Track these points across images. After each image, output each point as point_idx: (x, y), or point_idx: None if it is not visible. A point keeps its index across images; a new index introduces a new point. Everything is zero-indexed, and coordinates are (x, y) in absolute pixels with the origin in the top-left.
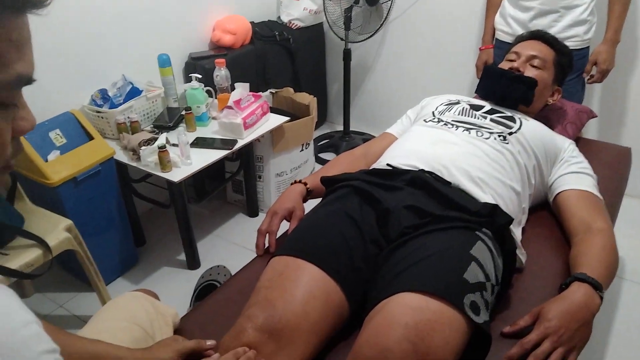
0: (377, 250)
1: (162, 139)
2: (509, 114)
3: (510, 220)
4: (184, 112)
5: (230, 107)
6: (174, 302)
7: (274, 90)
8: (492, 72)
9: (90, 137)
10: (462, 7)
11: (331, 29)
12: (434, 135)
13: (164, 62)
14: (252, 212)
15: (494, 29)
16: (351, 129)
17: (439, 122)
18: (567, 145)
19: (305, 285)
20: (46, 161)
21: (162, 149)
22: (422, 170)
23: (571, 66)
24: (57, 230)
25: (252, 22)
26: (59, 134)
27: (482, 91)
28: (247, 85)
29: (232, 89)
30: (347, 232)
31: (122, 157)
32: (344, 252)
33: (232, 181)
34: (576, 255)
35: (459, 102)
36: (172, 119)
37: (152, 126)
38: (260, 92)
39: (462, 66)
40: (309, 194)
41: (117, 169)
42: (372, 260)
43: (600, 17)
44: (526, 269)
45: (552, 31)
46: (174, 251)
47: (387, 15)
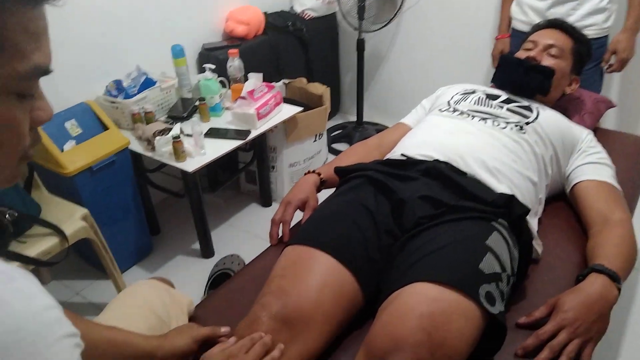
0: (391, 240)
1: (176, 129)
2: (526, 104)
3: (526, 210)
4: (197, 103)
5: (243, 98)
6: (188, 291)
7: (287, 80)
8: (509, 61)
9: (105, 128)
10: None
11: (345, 18)
12: (450, 124)
13: (178, 52)
14: (266, 202)
15: (510, 18)
16: (364, 119)
17: (454, 111)
18: (585, 135)
19: (319, 274)
20: (62, 151)
21: (176, 139)
22: (437, 160)
23: (589, 55)
24: (73, 218)
25: (265, 13)
26: (74, 124)
27: (499, 80)
28: (260, 75)
29: (246, 79)
30: (361, 222)
31: (137, 147)
32: (358, 242)
33: (246, 171)
34: (593, 246)
35: (475, 92)
36: (186, 109)
37: (166, 117)
38: (273, 83)
39: (477, 55)
40: (322, 184)
41: (132, 159)
42: (387, 250)
43: (620, 4)
44: (542, 260)
45: (570, 19)
46: (188, 240)
47: (401, 4)
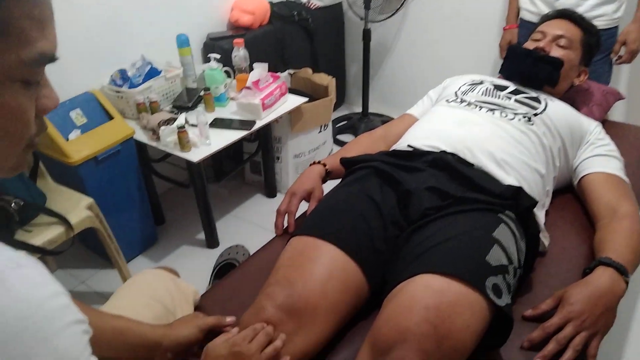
0: (397, 231)
1: (181, 119)
2: (534, 95)
3: (534, 203)
4: (202, 93)
5: (248, 88)
6: (193, 280)
7: (292, 70)
8: (517, 51)
9: (110, 117)
10: None
11: (351, 8)
12: (457, 115)
13: (183, 42)
14: (270, 192)
15: (519, 8)
16: (370, 110)
17: (462, 102)
18: (593, 127)
19: (324, 265)
20: (67, 140)
21: (181, 129)
22: (444, 151)
23: (599, 46)
24: (78, 208)
25: (270, 2)
26: (79, 114)
27: (507, 71)
28: (265, 65)
29: (251, 69)
30: (367, 213)
31: (141, 137)
32: (364, 233)
33: (250, 162)
34: (601, 239)
35: (482, 82)
36: (190, 99)
37: (171, 106)
38: (278, 73)
39: (485, 46)
40: (327, 175)
41: (136, 148)
42: (392, 241)
43: None
44: (549, 252)
45: (580, 10)
46: (193, 230)
47: None
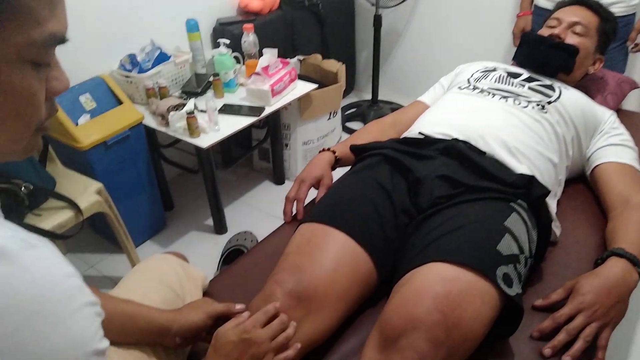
0: (407, 220)
1: (190, 105)
2: (548, 83)
3: (546, 192)
4: (211, 78)
5: (258, 74)
6: (202, 266)
7: (301, 57)
8: (531, 38)
9: (119, 102)
10: None
11: None
12: (470, 102)
13: (192, 27)
14: (279, 179)
15: None
16: (380, 97)
17: (474, 89)
18: (607, 116)
19: (334, 252)
20: (77, 125)
21: (190, 115)
22: (456, 139)
23: (615, 33)
24: (88, 192)
25: None
26: (89, 98)
27: (520, 58)
28: (275, 51)
29: (260, 55)
30: (377, 200)
31: (150, 122)
32: (374, 220)
33: (259, 149)
34: (613, 229)
35: (495, 69)
36: (200, 84)
37: (180, 92)
38: (288, 59)
39: (498, 33)
40: (337, 163)
41: (145, 134)
42: (402, 229)
43: None
44: (560, 242)
45: None
46: (201, 216)
47: None
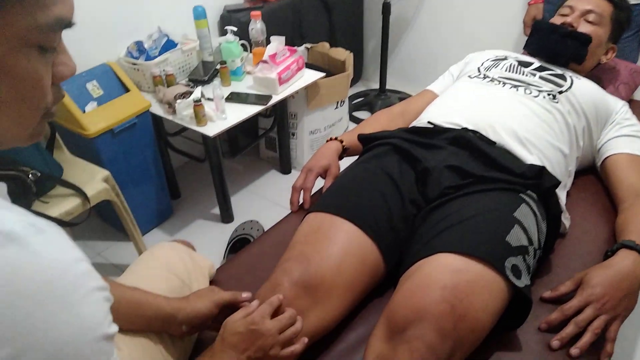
0: (415, 210)
1: (197, 93)
2: (560, 72)
3: (557, 183)
4: (218, 66)
5: (265, 62)
6: (208, 254)
7: (309, 45)
8: (543, 27)
9: (126, 89)
10: None
11: None
12: (480, 91)
13: (200, 14)
14: (285, 169)
15: None
16: (388, 87)
17: (484, 78)
18: (619, 106)
19: (341, 242)
20: (84, 112)
21: (197, 103)
22: (466, 128)
23: (629, 22)
24: (95, 180)
25: None
26: (96, 86)
27: (532, 47)
28: (282, 39)
29: (267, 42)
30: (385, 190)
31: (157, 110)
32: (381, 210)
33: (266, 138)
34: (624, 222)
35: (506, 58)
36: (207, 72)
37: (187, 80)
38: (295, 47)
39: (508, 22)
40: (344, 152)
41: (152, 122)
42: (410, 220)
43: None
44: (570, 234)
45: None
46: (208, 204)
47: None
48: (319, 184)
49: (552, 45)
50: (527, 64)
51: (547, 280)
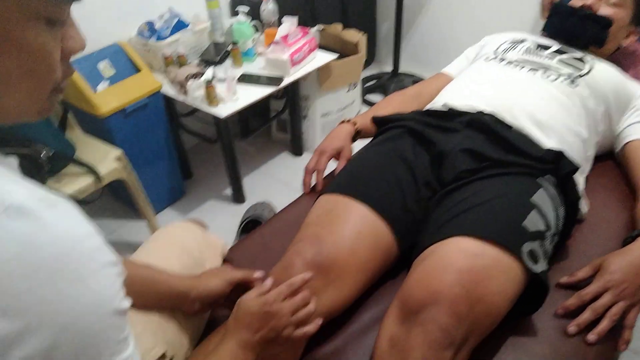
0: (429, 193)
1: (208, 74)
2: (579, 55)
3: (575, 168)
4: (230, 47)
5: (277, 43)
6: (220, 234)
7: (321, 26)
8: (562, 9)
9: (137, 70)
10: None
11: None
12: (497, 74)
13: None
14: (297, 151)
15: None
16: (401, 69)
17: (502, 60)
18: None
19: (354, 224)
20: (95, 92)
21: (209, 84)
22: (482, 112)
23: None
24: (107, 159)
25: None
26: (107, 65)
27: (550, 30)
28: (295, 19)
29: (279, 24)
30: (398, 173)
31: (169, 91)
32: (395, 193)
33: (277, 120)
34: None
35: (524, 41)
36: (218, 53)
37: (198, 60)
38: (308, 28)
39: (525, 3)
40: (357, 135)
41: (164, 102)
42: (424, 203)
43: None
44: (588, 220)
45: None
46: (220, 185)
47: None
48: (332, 166)
49: (571, 28)
50: (545, 47)
51: (564, 266)
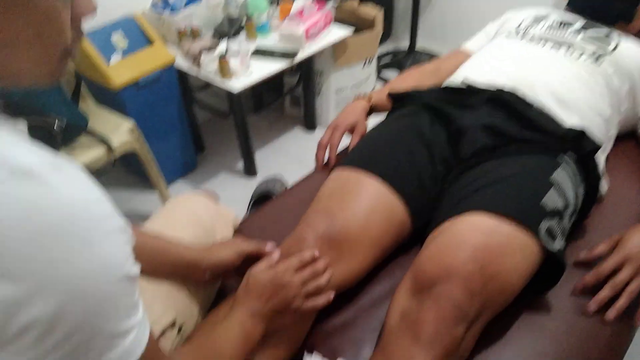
0: (446, 170)
1: (222, 47)
2: (605, 32)
3: (597, 147)
4: (244, 21)
5: (292, 17)
6: (231, 208)
7: (337, 1)
8: None
9: (151, 42)
10: None
11: None
12: (518, 51)
13: None
14: (310, 126)
15: None
16: (418, 46)
17: (523, 37)
18: None
19: (367, 198)
20: (109, 64)
21: (222, 58)
22: (502, 90)
23: None
24: (120, 130)
25: None
26: (121, 37)
27: (576, 4)
28: None
29: None
30: (414, 149)
31: (182, 64)
32: (410, 168)
33: (291, 95)
34: None
35: (547, 17)
36: (232, 27)
37: (212, 34)
38: (323, 1)
39: None
40: (372, 111)
41: (177, 76)
42: (440, 180)
43: None
44: (607, 199)
45: None
46: (232, 159)
47: None
48: (345, 143)
49: (597, 3)
50: (569, 24)
51: (581, 244)
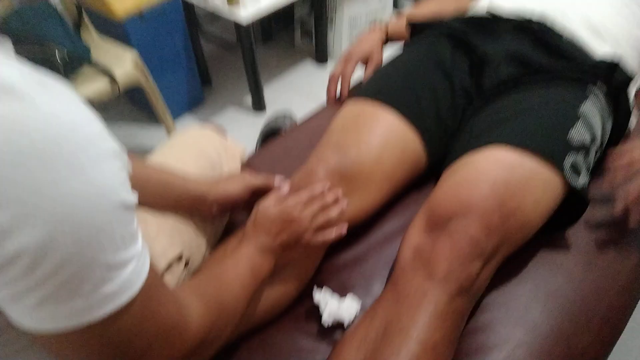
0: (466, 102)
1: None
2: None
3: (630, 78)
4: None
5: None
6: (240, 142)
7: None
8: None
9: None
10: None
11: None
12: None
13: None
14: (321, 59)
15: None
16: None
17: None
18: None
19: (381, 132)
20: None
21: None
22: (530, 20)
23: None
24: (123, 62)
25: None
26: None
27: None
28: None
29: None
30: (433, 79)
31: None
32: (428, 100)
33: (301, 27)
34: None
35: None
36: None
37: None
38: None
39: None
40: (388, 40)
41: (183, 6)
42: (460, 112)
43: None
44: (634, 134)
45: None
46: (239, 93)
47: None
48: (359, 77)
49: None
50: None
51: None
